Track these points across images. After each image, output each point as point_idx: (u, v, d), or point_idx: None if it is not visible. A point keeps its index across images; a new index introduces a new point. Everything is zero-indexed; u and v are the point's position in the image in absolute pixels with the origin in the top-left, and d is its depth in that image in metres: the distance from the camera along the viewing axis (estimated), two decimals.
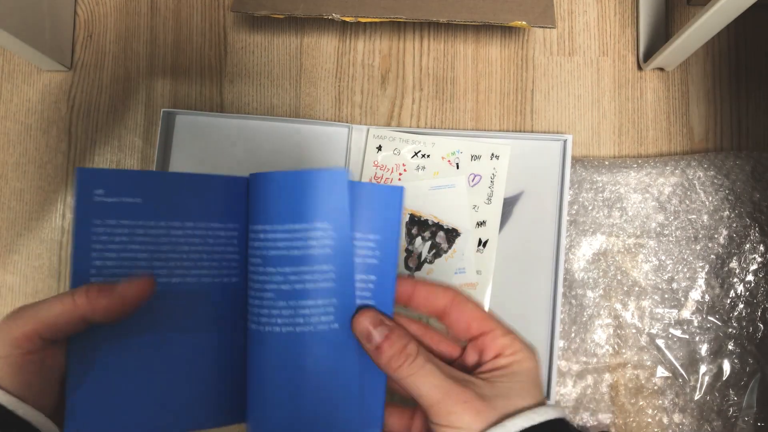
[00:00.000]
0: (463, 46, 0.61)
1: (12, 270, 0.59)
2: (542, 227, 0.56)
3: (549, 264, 0.55)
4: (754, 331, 0.55)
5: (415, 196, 0.56)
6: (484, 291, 0.55)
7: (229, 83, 0.61)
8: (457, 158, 0.56)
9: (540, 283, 0.55)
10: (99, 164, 0.60)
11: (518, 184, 0.56)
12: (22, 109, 0.61)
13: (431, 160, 0.57)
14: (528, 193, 0.56)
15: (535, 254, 0.55)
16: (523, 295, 0.55)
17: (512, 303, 0.55)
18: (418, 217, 0.56)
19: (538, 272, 0.55)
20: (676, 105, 0.60)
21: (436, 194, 0.56)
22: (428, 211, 0.56)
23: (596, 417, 0.55)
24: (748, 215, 0.57)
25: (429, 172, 0.56)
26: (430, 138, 0.57)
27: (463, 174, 0.56)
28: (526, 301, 0.55)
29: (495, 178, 0.56)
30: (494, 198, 0.56)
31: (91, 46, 0.62)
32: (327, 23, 0.61)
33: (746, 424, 0.54)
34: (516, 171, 0.56)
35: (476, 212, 0.55)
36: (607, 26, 0.61)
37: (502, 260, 0.55)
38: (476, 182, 0.56)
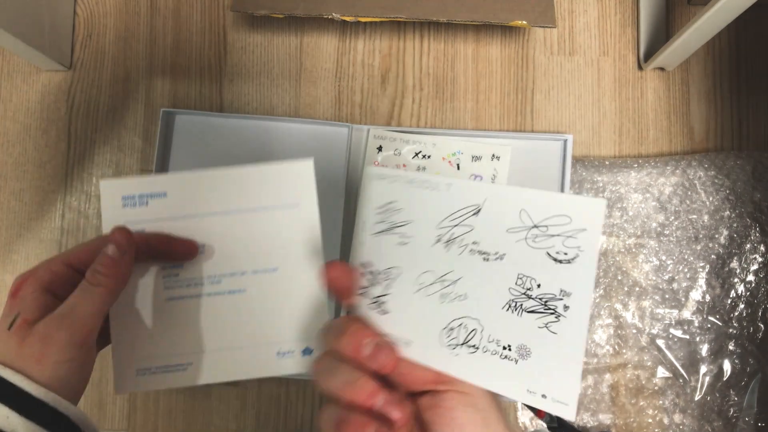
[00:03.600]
0: (464, 46, 0.61)
1: (11, 270, 0.59)
2: None
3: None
4: (755, 332, 0.55)
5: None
6: None
7: (228, 83, 0.61)
8: (457, 159, 0.56)
9: None
10: (98, 164, 0.60)
11: (518, 184, 0.56)
12: (21, 108, 0.61)
13: (432, 161, 0.56)
14: None
15: None
16: None
17: None
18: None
19: None
20: (677, 105, 0.60)
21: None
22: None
23: (597, 417, 0.55)
24: (749, 215, 0.57)
25: (430, 172, 0.56)
26: (431, 138, 0.57)
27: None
28: None
29: (495, 179, 0.56)
30: None
31: (90, 46, 0.62)
32: (327, 23, 0.61)
33: (747, 425, 0.54)
34: (516, 171, 0.56)
35: None
36: (607, 26, 0.61)
37: None
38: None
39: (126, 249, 0.34)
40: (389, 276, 0.29)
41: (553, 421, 0.54)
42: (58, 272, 0.33)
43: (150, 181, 0.37)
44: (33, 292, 0.32)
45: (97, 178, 0.60)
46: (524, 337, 0.26)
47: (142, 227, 0.37)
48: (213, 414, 0.57)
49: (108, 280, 0.33)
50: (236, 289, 0.37)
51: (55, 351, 0.30)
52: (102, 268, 0.33)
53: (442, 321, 0.28)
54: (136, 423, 0.57)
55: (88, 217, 0.60)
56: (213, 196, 0.37)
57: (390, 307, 0.29)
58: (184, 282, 0.37)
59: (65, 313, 0.31)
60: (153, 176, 0.38)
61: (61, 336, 0.30)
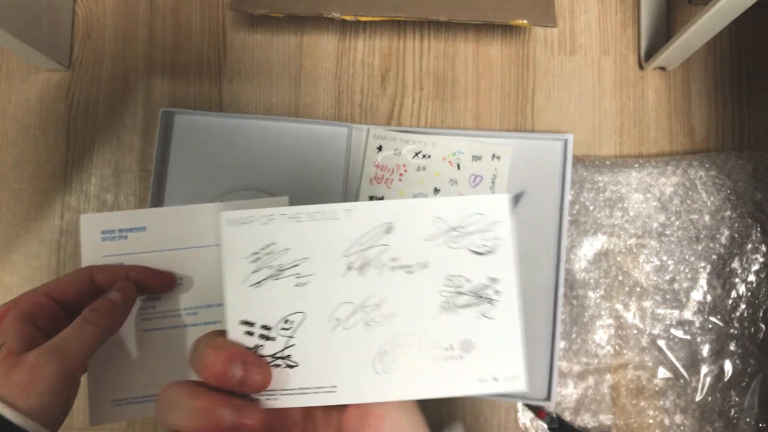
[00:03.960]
0: (464, 46, 0.61)
1: (11, 270, 0.59)
2: (543, 227, 0.55)
3: (550, 264, 0.55)
4: (756, 332, 0.55)
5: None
6: None
7: (228, 82, 0.61)
8: (458, 159, 0.56)
9: (541, 284, 0.55)
10: (98, 164, 0.60)
11: (519, 184, 0.56)
12: (20, 108, 0.61)
13: (432, 161, 0.56)
14: (529, 193, 0.56)
15: (536, 254, 0.55)
16: (524, 296, 0.54)
17: None
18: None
19: (539, 272, 0.55)
20: (678, 104, 0.60)
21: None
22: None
23: (597, 418, 0.55)
24: (750, 215, 0.56)
25: (430, 172, 0.56)
26: (431, 138, 0.56)
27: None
28: (526, 302, 0.55)
29: (496, 179, 0.56)
30: None
31: (89, 45, 0.62)
32: (327, 22, 0.61)
33: (747, 425, 0.54)
34: (517, 171, 0.56)
35: None
36: (608, 25, 0.61)
37: None
38: (477, 183, 0.56)
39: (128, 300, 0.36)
40: (290, 325, 0.27)
41: (554, 422, 0.54)
42: (39, 304, 0.34)
43: (129, 215, 0.39)
44: (15, 323, 0.33)
45: (96, 177, 0.60)
46: (465, 332, 0.27)
47: (121, 260, 0.38)
48: None
49: (105, 321, 0.34)
50: (212, 321, 0.38)
51: (42, 382, 0.31)
52: (102, 309, 0.34)
53: (372, 348, 0.27)
54: (135, 423, 0.57)
55: None
56: (190, 230, 0.38)
57: (298, 358, 0.27)
58: (162, 313, 0.38)
59: (57, 346, 0.32)
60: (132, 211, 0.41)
61: (50, 368, 0.31)
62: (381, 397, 0.26)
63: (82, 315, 0.34)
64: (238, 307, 0.27)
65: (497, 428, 0.55)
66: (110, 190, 0.60)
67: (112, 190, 0.60)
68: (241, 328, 0.27)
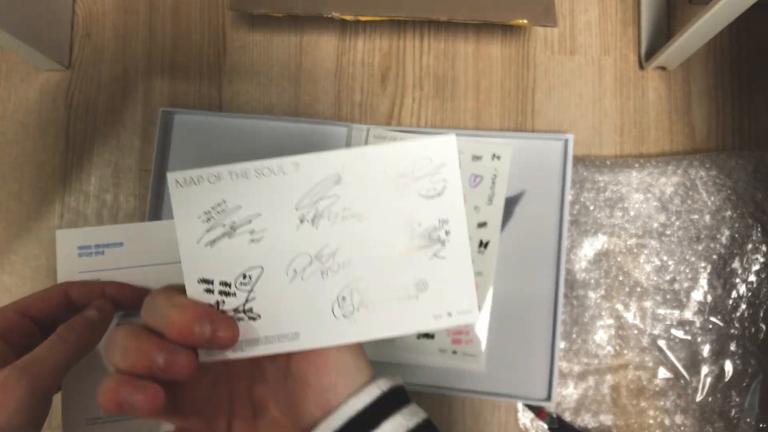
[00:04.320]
0: (464, 45, 0.60)
1: (10, 270, 0.59)
2: (543, 227, 0.55)
3: (550, 264, 0.55)
4: (757, 332, 0.55)
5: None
6: (485, 292, 0.54)
7: (227, 82, 0.61)
8: (458, 159, 0.56)
9: (541, 284, 0.55)
10: (97, 164, 0.60)
11: (519, 184, 0.56)
12: (20, 108, 0.61)
13: None
14: (529, 193, 0.56)
15: (536, 254, 0.55)
16: (524, 296, 0.55)
17: (513, 304, 0.55)
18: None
19: (539, 273, 0.55)
20: (678, 104, 0.59)
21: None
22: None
23: (597, 418, 0.55)
24: (751, 215, 0.56)
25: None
26: None
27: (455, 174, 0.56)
28: (527, 302, 0.55)
29: (496, 179, 0.56)
30: (495, 199, 0.55)
31: (89, 45, 0.62)
32: (326, 22, 0.61)
33: (748, 426, 0.54)
34: (517, 170, 0.56)
35: (477, 213, 0.55)
36: (608, 25, 0.60)
37: (503, 261, 0.55)
38: (477, 183, 0.56)
39: (105, 318, 0.35)
40: (248, 280, 0.28)
41: (554, 422, 0.54)
42: (11, 320, 0.33)
43: (106, 231, 0.38)
44: None
45: (96, 177, 0.60)
46: (419, 274, 0.28)
47: (98, 276, 0.38)
48: None
49: (81, 339, 0.33)
50: None
51: (12, 401, 0.30)
52: (78, 327, 0.33)
53: (330, 295, 0.28)
54: None
55: (86, 217, 0.60)
56: (169, 245, 0.38)
57: (260, 311, 0.28)
58: None
59: (29, 365, 0.31)
60: (109, 227, 0.40)
61: (21, 387, 0.30)
62: (342, 339, 0.28)
63: (56, 332, 0.33)
64: (195, 266, 0.27)
65: (497, 428, 0.55)
66: (110, 190, 0.60)
67: (111, 190, 0.60)
68: (200, 286, 0.28)
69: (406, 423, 0.27)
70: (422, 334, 0.54)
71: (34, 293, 0.35)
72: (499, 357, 0.54)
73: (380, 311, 0.28)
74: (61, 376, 0.32)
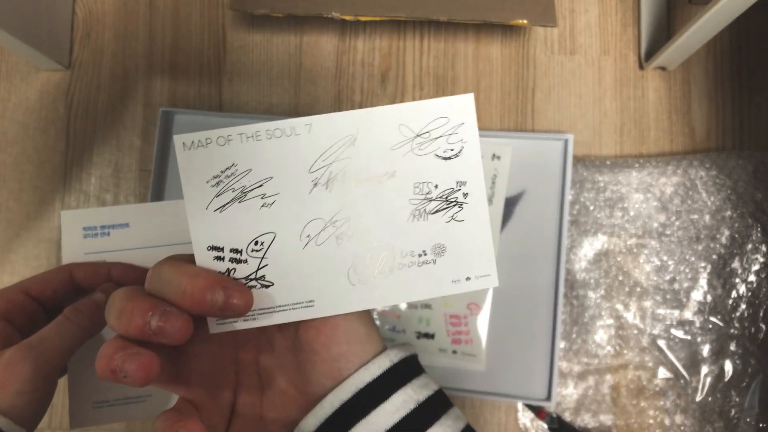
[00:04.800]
0: (464, 45, 0.60)
1: (10, 270, 0.59)
2: (543, 227, 0.55)
3: (550, 264, 0.55)
4: (756, 332, 0.55)
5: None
6: (485, 292, 0.55)
7: (227, 82, 0.61)
8: None
9: (541, 284, 0.55)
10: (97, 164, 0.60)
11: (519, 184, 0.56)
12: (20, 108, 0.61)
13: None
14: (529, 193, 0.56)
15: (536, 254, 0.55)
16: (524, 296, 0.55)
17: (513, 303, 0.55)
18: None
19: (539, 272, 0.55)
20: (678, 104, 0.59)
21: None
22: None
23: (598, 418, 0.55)
24: (750, 215, 0.56)
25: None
26: None
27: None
28: (527, 302, 0.55)
29: (496, 179, 0.56)
30: (495, 199, 0.55)
31: (89, 45, 0.62)
32: (326, 22, 0.61)
33: (748, 426, 0.54)
34: (517, 170, 0.56)
35: None
36: (608, 25, 0.61)
37: (503, 260, 0.55)
38: None
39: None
40: (260, 246, 0.26)
41: (554, 422, 0.54)
42: (15, 301, 0.33)
43: (112, 211, 0.37)
44: None
45: (96, 177, 0.60)
46: (436, 237, 0.27)
47: (103, 258, 0.37)
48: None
49: (87, 322, 0.33)
50: None
51: (17, 381, 0.30)
52: (85, 309, 0.33)
53: (346, 261, 0.27)
54: (134, 423, 0.57)
55: None
56: (175, 226, 0.37)
57: (273, 278, 0.27)
58: None
59: (34, 345, 0.31)
60: (115, 207, 0.38)
61: (25, 367, 0.30)
62: (359, 306, 0.27)
63: (63, 313, 0.33)
64: (205, 233, 0.26)
65: (497, 428, 0.55)
66: (110, 190, 0.60)
67: (111, 190, 0.60)
68: (210, 254, 0.26)
69: (416, 396, 0.26)
70: (422, 333, 0.55)
71: (38, 274, 0.35)
72: (499, 357, 0.54)
73: (397, 276, 0.27)
74: (67, 357, 0.32)
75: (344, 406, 0.26)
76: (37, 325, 0.33)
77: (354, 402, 0.26)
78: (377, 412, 0.25)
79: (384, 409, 0.25)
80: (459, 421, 0.27)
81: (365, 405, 0.26)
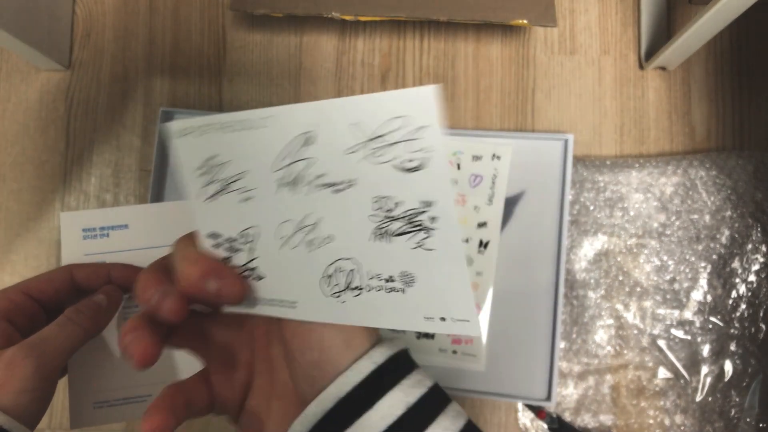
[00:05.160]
0: (464, 45, 0.60)
1: (10, 270, 0.59)
2: (543, 227, 0.55)
3: (550, 264, 0.55)
4: (757, 332, 0.55)
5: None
6: (485, 292, 0.54)
7: (228, 82, 0.61)
8: (458, 159, 0.56)
9: (541, 284, 0.55)
10: (97, 164, 0.60)
11: (519, 184, 0.56)
12: (19, 108, 0.61)
13: None
14: (529, 193, 0.56)
15: (536, 254, 0.55)
16: (524, 296, 0.55)
17: (513, 303, 0.55)
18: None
19: (539, 272, 0.55)
20: (678, 104, 0.59)
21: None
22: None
23: (598, 418, 0.55)
24: (751, 215, 0.56)
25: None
26: None
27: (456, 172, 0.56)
28: (527, 302, 0.55)
29: (496, 179, 0.56)
30: (495, 199, 0.55)
31: (89, 45, 0.62)
32: (326, 22, 0.61)
33: (748, 426, 0.54)
34: (517, 170, 0.56)
35: (477, 213, 0.55)
36: (608, 25, 0.60)
37: (503, 260, 0.55)
38: (477, 183, 0.56)
39: (113, 304, 0.35)
40: (249, 238, 0.25)
41: (554, 422, 0.54)
42: (16, 301, 0.33)
43: (111, 213, 0.38)
44: None
45: (96, 177, 0.60)
46: (403, 264, 0.23)
47: (103, 259, 0.37)
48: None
49: (88, 322, 0.33)
50: None
51: (18, 380, 0.30)
52: (86, 310, 0.34)
53: (318, 270, 0.24)
54: (135, 423, 0.57)
55: None
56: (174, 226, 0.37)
57: (264, 271, 0.26)
58: None
59: (35, 344, 0.31)
60: (114, 209, 0.38)
61: (26, 366, 0.30)
62: (333, 319, 0.25)
63: (64, 314, 0.33)
64: (204, 219, 0.26)
65: (497, 428, 0.55)
66: (110, 190, 0.60)
67: (111, 190, 0.60)
68: (210, 240, 0.26)
69: (406, 398, 0.24)
70: (422, 333, 0.54)
71: (39, 275, 0.35)
72: (499, 357, 0.54)
73: (367, 298, 0.24)
74: (67, 357, 0.33)
75: (327, 416, 0.24)
76: (38, 326, 0.33)
77: (337, 412, 0.24)
78: (362, 421, 0.24)
79: (370, 418, 0.24)
80: (458, 419, 0.25)
81: (349, 414, 0.24)
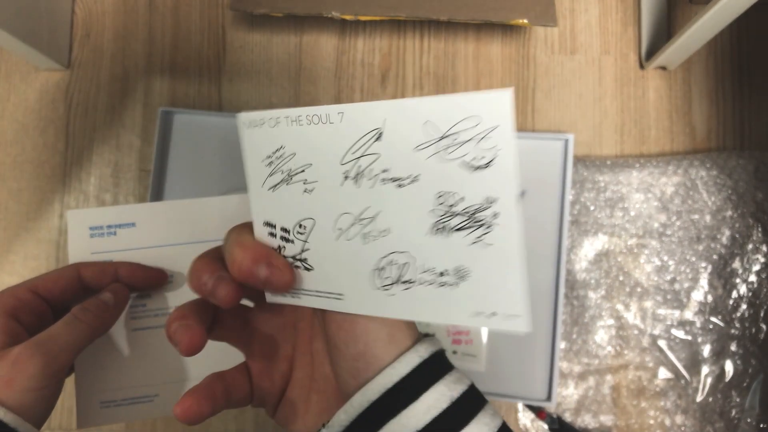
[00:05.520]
0: (464, 45, 0.60)
1: (9, 270, 0.59)
2: (544, 227, 0.55)
3: (551, 264, 0.55)
4: (757, 332, 0.55)
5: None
6: None
7: (227, 82, 0.61)
8: None
9: (541, 284, 0.55)
10: (97, 163, 0.60)
11: (519, 184, 0.56)
12: (19, 108, 0.61)
13: None
14: (529, 193, 0.56)
15: (536, 254, 0.55)
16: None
17: None
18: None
19: (540, 273, 0.55)
20: (679, 104, 0.59)
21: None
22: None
23: (598, 419, 0.55)
24: (751, 215, 0.56)
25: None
26: None
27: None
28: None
29: None
30: None
31: (88, 45, 0.61)
32: (326, 21, 0.61)
33: (749, 426, 0.54)
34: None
35: None
36: (608, 25, 0.60)
37: None
38: None
39: (120, 302, 0.35)
40: (304, 230, 0.26)
41: (554, 422, 0.54)
42: (23, 299, 0.33)
43: (119, 211, 0.37)
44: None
45: (95, 177, 0.60)
46: (459, 258, 0.24)
47: (110, 257, 0.37)
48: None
49: (95, 321, 0.33)
50: None
51: (25, 378, 0.30)
52: (93, 308, 0.33)
53: (369, 263, 0.25)
54: (134, 423, 0.57)
55: None
56: (182, 225, 0.37)
57: (313, 263, 0.26)
58: (152, 312, 0.37)
59: (42, 342, 0.31)
60: (122, 207, 0.38)
61: (34, 363, 0.30)
62: (379, 312, 0.25)
63: (71, 312, 0.33)
64: (262, 209, 0.27)
65: None
66: (109, 190, 0.60)
67: (111, 189, 0.60)
68: (265, 229, 0.27)
69: (449, 392, 0.25)
70: (422, 334, 0.54)
71: (46, 273, 0.35)
72: (499, 357, 0.54)
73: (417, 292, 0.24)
74: (74, 356, 0.32)
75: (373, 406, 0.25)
76: (45, 324, 0.33)
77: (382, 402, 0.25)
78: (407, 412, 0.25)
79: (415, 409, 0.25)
80: (496, 418, 0.26)
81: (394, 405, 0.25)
